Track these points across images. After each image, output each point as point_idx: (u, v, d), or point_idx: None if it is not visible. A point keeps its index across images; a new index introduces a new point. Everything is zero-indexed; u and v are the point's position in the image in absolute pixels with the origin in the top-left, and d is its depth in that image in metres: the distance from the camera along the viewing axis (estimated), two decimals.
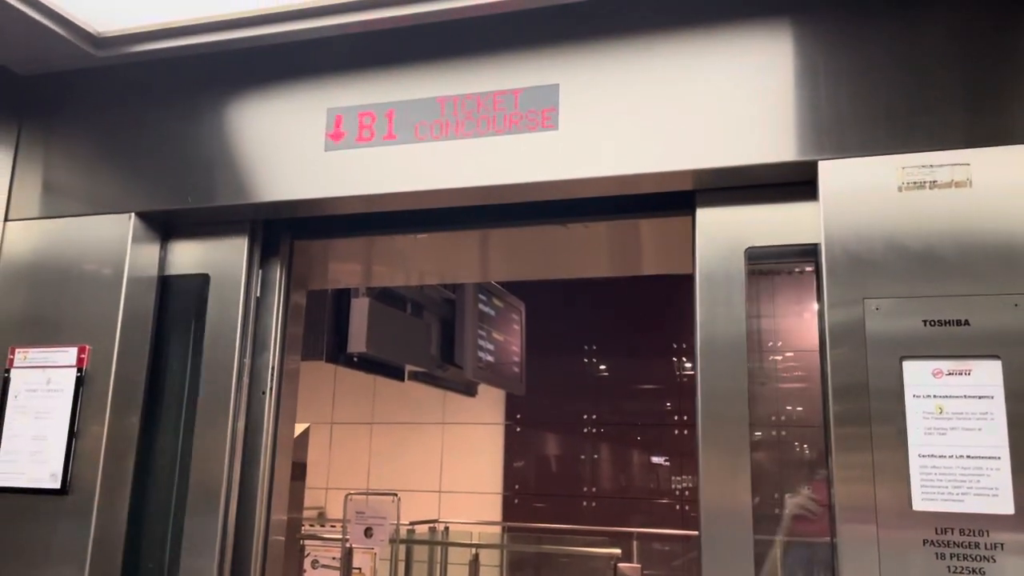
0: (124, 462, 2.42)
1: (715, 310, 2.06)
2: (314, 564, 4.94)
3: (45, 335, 2.47)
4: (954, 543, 1.72)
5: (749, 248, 2.07)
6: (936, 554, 1.72)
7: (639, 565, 5.42)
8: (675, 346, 7.78)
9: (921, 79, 1.92)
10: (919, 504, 1.75)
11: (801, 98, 2.00)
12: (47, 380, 2.42)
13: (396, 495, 4.46)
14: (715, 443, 2.01)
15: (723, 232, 2.10)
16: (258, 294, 2.52)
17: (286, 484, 2.54)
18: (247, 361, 2.45)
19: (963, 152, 1.85)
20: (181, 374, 2.52)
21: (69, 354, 2.42)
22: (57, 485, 2.34)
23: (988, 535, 1.70)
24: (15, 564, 2.34)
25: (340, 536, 4.70)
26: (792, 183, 2.04)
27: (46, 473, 2.36)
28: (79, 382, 2.39)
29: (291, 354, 2.59)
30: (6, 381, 2.46)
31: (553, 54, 2.20)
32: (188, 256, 2.58)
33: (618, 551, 5.55)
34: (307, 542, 5.09)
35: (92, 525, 2.30)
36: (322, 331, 4.53)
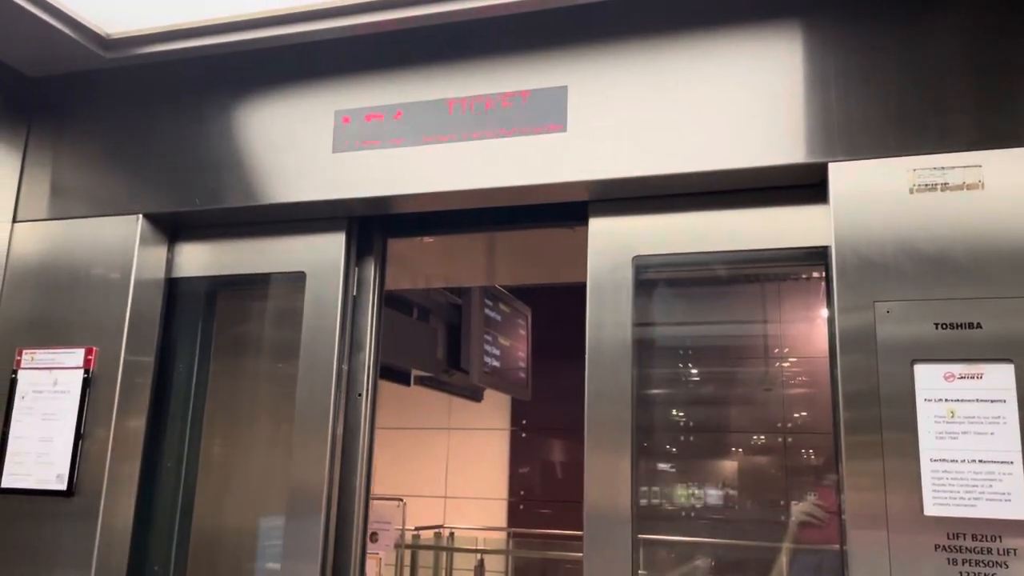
0: (130, 464, 2.41)
1: (603, 317, 2.10)
2: None
3: (52, 336, 2.47)
4: (966, 549, 1.70)
5: (636, 256, 2.13)
6: (948, 559, 1.70)
7: (644, 572, 5.39)
8: (680, 352, 7.74)
9: (932, 81, 1.91)
10: (931, 509, 1.73)
11: (811, 100, 1.99)
12: (54, 381, 2.42)
13: (402, 500, 4.46)
14: (599, 445, 2.05)
15: (613, 241, 2.15)
16: (355, 293, 2.45)
17: None
18: (346, 367, 2.38)
19: (975, 154, 1.84)
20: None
21: (76, 355, 2.42)
22: (63, 487, 2.34)
23: (1001, 540, 1.68)
24: (21, 566, 2.33)
25: None
26: (800, 186, 2.03)
27: (52, 475, 2.36)
28: (86, 384, 2.39)
29: None
30: (13, 382, 2.46)
31: (562, 56, 2.20)
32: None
33: None
34: None
35: (98, 527, 2.29)
36: None
